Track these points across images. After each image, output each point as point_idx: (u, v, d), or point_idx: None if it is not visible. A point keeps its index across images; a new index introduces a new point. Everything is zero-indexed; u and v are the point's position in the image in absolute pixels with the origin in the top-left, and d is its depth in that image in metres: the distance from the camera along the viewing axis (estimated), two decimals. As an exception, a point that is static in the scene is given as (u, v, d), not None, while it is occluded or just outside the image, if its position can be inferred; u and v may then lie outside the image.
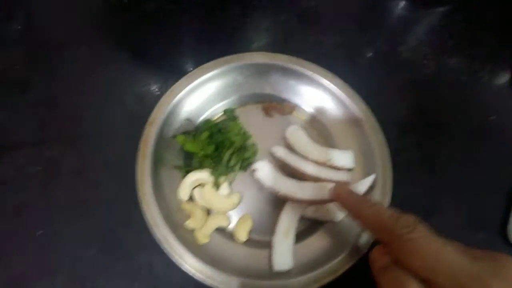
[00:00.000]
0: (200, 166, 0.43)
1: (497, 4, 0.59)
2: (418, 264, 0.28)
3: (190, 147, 0.43)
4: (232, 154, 0.44)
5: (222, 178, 0.44)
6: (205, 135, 0.43)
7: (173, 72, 0.48)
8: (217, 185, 0.43)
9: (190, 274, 0.37)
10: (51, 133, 0.46)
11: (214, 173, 0.43)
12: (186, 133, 0.44)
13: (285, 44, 0.54)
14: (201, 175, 0.42)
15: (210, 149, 0.43)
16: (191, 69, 0.46)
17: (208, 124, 0.45)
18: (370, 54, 0.53)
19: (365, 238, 0.39)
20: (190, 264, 0.37)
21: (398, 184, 0.42)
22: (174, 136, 0.44)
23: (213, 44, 0.53)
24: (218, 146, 0.44)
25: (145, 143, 0.41)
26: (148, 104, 0.44)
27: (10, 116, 0.47)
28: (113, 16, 0.54)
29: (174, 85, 0.44)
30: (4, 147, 0.45)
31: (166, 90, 0.44)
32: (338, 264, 0.38)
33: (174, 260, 0.37)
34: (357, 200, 0.34)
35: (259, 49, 0.52)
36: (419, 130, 0.49)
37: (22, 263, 0.40)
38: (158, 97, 0.44)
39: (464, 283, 0.26)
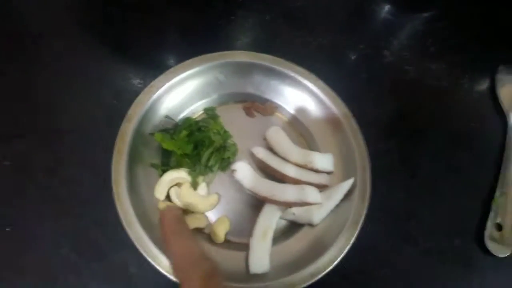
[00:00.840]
0: (178, 165, 0.42)
1: (479, 12, 0.60)
2: None
3: (168, 145, 0.42)
4: (211, 154, 0.43)
5: (200, 178, 0.43)
6: (184, 133, 0.43)
7: (155, 68, 0.47)
8: (194, 185, 0.42)
9: (166, 274, 0.36)
10: (24, 127, 0.44)
11: (192, 173, 0.42)
12: (164, 130, 0.43)
13: (270, 44, 0.53)
14: (179, 174, 0.41)
15: (189, 148, 0.42)
16: (171, 67, 0.45)
17: (187, 122, 0.44)
18: (353, 57, 0.53)
19: (342, 241, 0.39)
20: (165, 265, 0.36)
21: (377, 187, 0.42)
22: (152, 134, 0.43)
23: (197, 41, 0.52)
24: (197, 145, 0.43)
25: (121, 140, 0.40)
26: (127, 100, 0.42)
27: (-20, 107, 0.45)
28: (93, 8, 0.53)
29: (154, 81, 0.43)
30: (-27, 139, 0.43)
31: (145, 86, 0.43)
32: (315, 268, 0.38)
33: (149, 260, 0.36)
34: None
35: (243, 48, 0.51)
36: (399, 134, 0.49)
37: (-11, 261, 0.38)
38: (136, 95, 0.43)
39: None
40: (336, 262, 0.38)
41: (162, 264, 0.36)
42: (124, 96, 0.46)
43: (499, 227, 0.45)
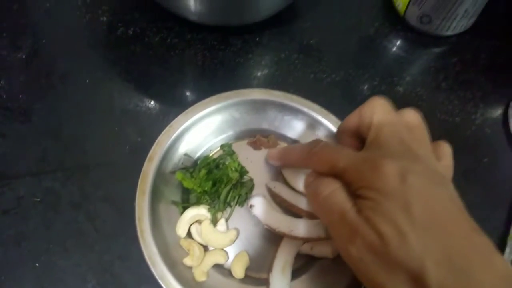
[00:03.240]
0: (198, 202, 0.44)
1: (490, 46, 0.61)
2: (325, 166, 0.34)
3: (188, 184, 0.43)
4: (229, 191, 0.45)
5: (219, 214, 0.44)
6: (203, 172, 0.44)
7: (175, 105, 0.50)
8: (214, 222, 0.43)
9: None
10: (52, 164, 0.47)
11: (211, 209, 0.43)
12: (184, 169, 0.45)
13: (285, 80, 0.55)
14: (199, 211, 0.43)
15: (208, 185, 0.44)
16: (192, 103, 0.47)
17: (206, 161, 0.46)
18: (367, 93, 0.54)
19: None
20: (187, 302, 0.37)
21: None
22: (173, 172, 0.44)
23: (215, 79, 0.54)
24: (215, 182, 0.45)
25: (143, 179, 0.42)
26: (149, 138, 0.45)
27: (11, 145, 0.47)
28: (117, 47, 0.56)
29: (173, 122, 0.45)
30: (5, 177, 0.45)
31: (167, 124, 0.45)
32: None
33: (172, 297, 0.38)
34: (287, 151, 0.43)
35: (259, 85, 0.54)
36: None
37: (19, 295, 0.40)
38: (159, 132, 0.45)
39: (358, 167, 0.31)
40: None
41: (184, 300, 0.37)
42: (148, 132, 0.48)
43: (515, 263, 0.45)
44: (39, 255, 0.42)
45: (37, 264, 0.41)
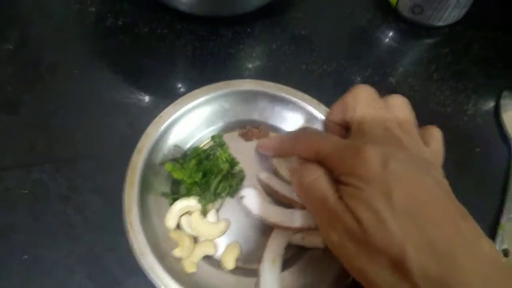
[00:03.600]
0: (188, 194, 0.44)
1: (482, 37, 0.61)
2: (310, 153, 0.34)
3: (178, 174, 0.43)
4: (220, 182, 0.44)
5: (209, 205, 0.44)
6: (193, 162, 0.44)
7: (165, 96, 0.49)
8: (204, 213, 0.43)
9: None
10: (40, 156, 0.46)
11: (202, 200, 0.43)
12: (174, 160, 0.45)
13: (276, 71, 0.55)
14: (189, 203, 0.42)
15: (198, 176, 0.43)
16: (182, 94, 0.46)
17: (196, 151, 0.46)
18: (359, 84, 0.54)
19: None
20: (177, 293, 0.37)
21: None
22: (162, 163, 0.44)
23: (205, 70, 0.53)
24: (205, 173, 0.44)
25: (132, 170, 0.41)
26: (139, 129, 0.44)
27: (-1, 136, 0.47)
28: (106, 38, 0.55)
29: (162, 113, 0.45)
30: (-8, 168, 0.45)
31: (157, 115, 0.45)
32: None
33: (161, 288, 0.37)
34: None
35: (251, 76, 0.53)
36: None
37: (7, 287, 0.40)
38: (149, 122, 0.44)
39: (340, 153, 0.31)
40: (343, 286, 0.39)
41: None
42: (137, 124, 0.47)
43: (506, 253, 0.45)
44: (27, 247, 0.41)
45: (25, 256, 0.41)
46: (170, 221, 0.42)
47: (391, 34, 0.60)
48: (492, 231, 0.47)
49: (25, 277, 0.40)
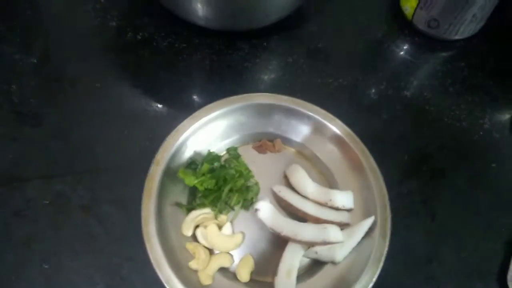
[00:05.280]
0: (202, 204, 0.44)
1: (498, 51, 0.61)
2: None
3: (190, 181, 0.43)
4: (230, 191, 0.45)
5: (223, 217, 0.45)
6: (206, 166, 0.45)
7: (183, 109, 0.50)
8: (219, 224, 0.44)
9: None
10: (62, 167, 0.47)
11: (214, 209, 0.44)
12: (187, 167, 0.46)
13: (292, 85, 0.55)
14: (203, 212, 0.43)
15: (211, 183, 0.44)
16: (199, 107, 0.47)
17: (209, 155, 0.46)
18: (374, 98, 0.55)
19: (365, 279, 0.40)
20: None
21: (397, 229, 0.43)
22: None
23: (222, 83, 0.54)
24: (218, 181, 0.45)
25: (150, 182, 0.42)
26: (157, 141, 0.45)
27: (22, 148, 0.48)
28: (126, 52, 0.56)
29: (179, 125, 0.46)
30: (15, 179, 0.46)
31: (174, 127, 0.46)
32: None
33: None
34: None
35: (266, 89, 0.54)
36: (420, 175, 0.50)
37: (29, 296, 0.41)
38: (167, 134, 0.45)
39: None
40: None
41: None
42: (155, 136, 0.48)
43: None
44: (48, 256, 0.42)
45: (46, 266, 0.42)
46: (186, 229, 0.43)
47: (406, 47, 0.60)
48: (509, 247, 0.46)
49: (46, 286, 0.41)
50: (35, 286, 0.41)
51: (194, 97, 0.54)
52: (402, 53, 0.60)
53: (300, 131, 0.50)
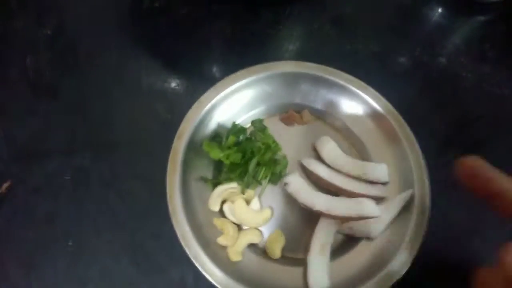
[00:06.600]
0: (229, 178, 0.42)
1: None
2: None
3: (215, 154, 0.41)
4: (258, 165, 0.43)
5: (251, 192, 0.42)
6: (231, 139, 0.42)
7: (204, 80, 0.48)
8: (247, 200, 0.42)
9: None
10: (80, 142, 0.46)
11: (241, 183, 0.42)
12: (212, 140, 0.44)
13: (318, 52, 0.52)
14: (229, 187, 0.41)
15: (237, 157, 0.42)
16: (221, 78, 0.45)
17: (235, 128, 0.44)
18: (407, 65, 0.51)
19: (404, 256, 0.38)
20: (222, 282, 0.36)
21: (437, 202, 0.40)
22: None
23: (245, 52, 0.52)
24: (244, 154, 0.42)
25: (174, 156, 0.40)
26: (179, 114, 0.43)
27: (41, 122, 0.47)
28: (144, 21, 0.54)
29: (202, 97, 0.43)
30: (35, 155, 0.45)
31: (196, 100, 0.43)
32: (376, 284, 0.37)
33: (205, 275, 0.36)
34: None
35: (291, 57, 0.51)
36: (459, 145, 0.47)
37: (54, 274, 0.40)
38: (188, 108, 0.43)
39: None
40: (398, 278, 0.37)
41: (218, 279, 0.36)
42: (176, 109, 0.47)
43: None
44: (71, 234, 0.41)
45: (70, 243, 0.41)
46: (213, 204, 0.41)
47: (440, 10, 0.56)
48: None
49: (70, 263, 0.40)
50: (59, 263, 0.40)
51: (215, 68, 0.51)
52: (435, 16, 0.56)
53: (329, 101, 0.47)
